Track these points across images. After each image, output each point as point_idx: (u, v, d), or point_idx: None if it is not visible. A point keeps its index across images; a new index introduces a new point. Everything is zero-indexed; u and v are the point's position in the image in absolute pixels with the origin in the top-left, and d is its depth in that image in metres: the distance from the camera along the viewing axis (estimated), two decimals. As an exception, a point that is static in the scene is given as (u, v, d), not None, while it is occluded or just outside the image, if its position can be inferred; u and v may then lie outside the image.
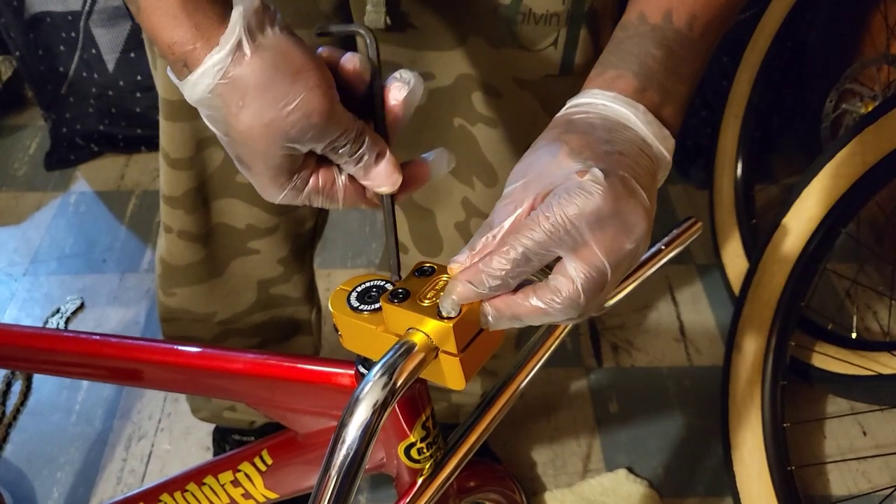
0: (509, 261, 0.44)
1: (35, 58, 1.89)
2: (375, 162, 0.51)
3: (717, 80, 1.78)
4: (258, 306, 1.07)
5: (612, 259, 0.44)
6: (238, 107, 0.46)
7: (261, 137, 0.47)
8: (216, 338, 1.09)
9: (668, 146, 0.50)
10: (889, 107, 1.23)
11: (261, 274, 1.03)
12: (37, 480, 1.35)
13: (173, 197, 0.94)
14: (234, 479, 0.69)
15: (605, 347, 1.56)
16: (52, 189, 1.92)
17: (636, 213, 0.45)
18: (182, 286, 1.03)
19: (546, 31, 0.76)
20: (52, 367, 0.76)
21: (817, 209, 1.32)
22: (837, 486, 1.36)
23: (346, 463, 0.44)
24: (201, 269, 1.01)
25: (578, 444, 1.40)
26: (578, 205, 0.44)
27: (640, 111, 0.50)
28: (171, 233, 0.98)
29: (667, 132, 0.50)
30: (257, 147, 0.48)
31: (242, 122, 0.47)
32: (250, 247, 0.99)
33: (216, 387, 0.68)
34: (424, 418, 0.58)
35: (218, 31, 0.46)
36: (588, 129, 0.49)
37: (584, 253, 0.44)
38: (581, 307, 0.45)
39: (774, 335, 1.33)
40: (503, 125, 0.84)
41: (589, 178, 0.44)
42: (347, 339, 0.52)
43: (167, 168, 0.92)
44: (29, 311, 1.62)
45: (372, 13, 0.74)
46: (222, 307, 1.06)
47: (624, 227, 0.45)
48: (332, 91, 0.48)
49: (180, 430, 1.42)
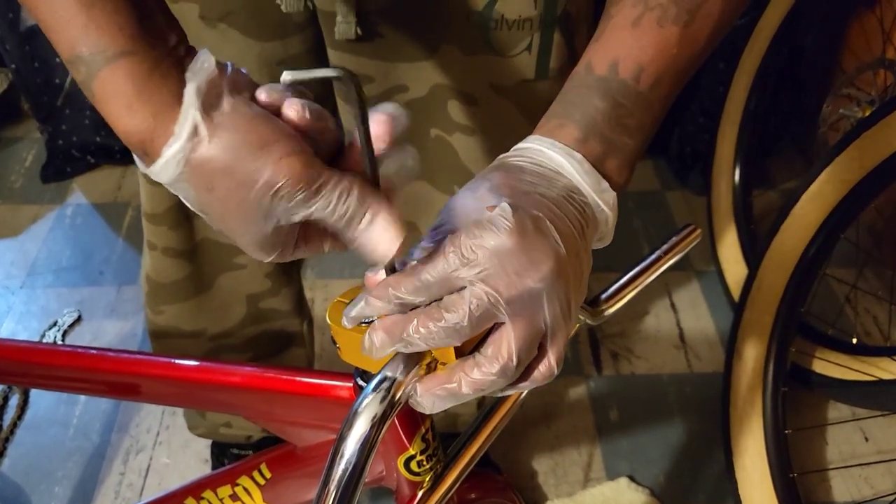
0: (413, 283, 0.44)
1: (31, 70, 1.89)
2: (370, 222, 0.45)
3: (715, 87, 1.79)
4: (248, 321, 1.06)
5: (510, 293, 0.43)
6: (207, 190, 0.44)
7: (237, 218, 0.45)
8: (208, 353, 1.08)
9: (607, 199, 0.49)
10: (886, 111, 1.22)
11: (249, 289, 1.02)
12: (34, 495, 1.34)
13: (156, 214, 0.93)
14: (233, 493, 0.68)
15: (605, 355, 1.56)
16: (49, 201, 1.92)
17: (543, 252, 0.44)
18: (169, 303, 1.02)
19: (520, 36, 0.76)
20: (49, 382, 0.76)
21: (816, 214, 1.32)
22: (840, 492, 1.35)
23: (346, 476, 0.44)
24: (188, 285, 1.00)
25: (579, 453, 1.40)
26: (483, 236, 0.43)
27: (577, 160, 0.49)
28: (155, 250, 0.98)
29: (606, 185, 0.49)
30: (235, 225, 0.45)
31: (215, 206, 0.45)
32: (236, 262, 0.98)
33: (214, 400, 0.68)
34: (424, 430, 0.57)
35: (174, 116, 0.43)
36: (515, 171, 0.48)
37: (482, 284, 0.43)
38: (462, 332, 0.43)
39: (775, 341, 1.33)
40: (481, 132, 0.83)
41: (497, 212, 0.44)
42: (346, 351, 0.52)
43: (147, 186, 0.91)
44: (26, 324, 1.62)
45: (342, 24, 0.73)
46: (212, 323, 1.05)
47: (528, 264, 0.43)
48: (304, 155, 0.44)
49: (179, 443, 1.41)
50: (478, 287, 0.43)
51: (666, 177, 1.97)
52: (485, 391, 0.45)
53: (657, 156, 2.01)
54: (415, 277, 0.44)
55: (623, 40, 0.51)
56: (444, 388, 0.45)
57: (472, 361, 0.44)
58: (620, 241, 0.52)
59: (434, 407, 0.46)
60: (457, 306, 0.43)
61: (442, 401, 0.46)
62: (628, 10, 0.51)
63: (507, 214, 0.44)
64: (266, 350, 1.12)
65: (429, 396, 0.45)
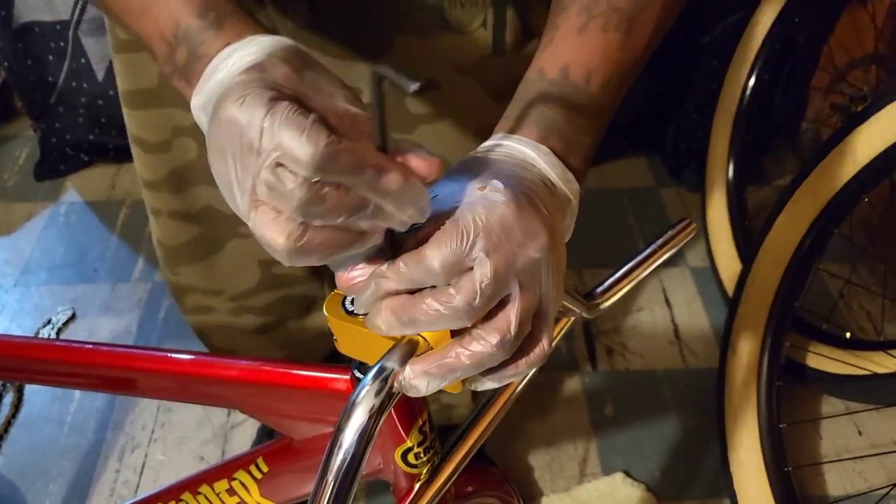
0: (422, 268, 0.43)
1: (24, 68, 1.88)
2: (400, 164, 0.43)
3: (708, 84, 1.79)
4: (265, 285, 1.06)
5: (517, 265, 0.43)
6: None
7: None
8: (232, 312, 1.08)
9: (573, 189, 0.51)
10: (879, 106, 1.23)
11: (260, 255, 1.02)
12: (29, 493, 1.34)
13: (155, 181, 0.93)
14: (230, 487, 0.68)
15: (600, 351, 1.56)
16: (43, 199, 1.91)
17: (539, 224, 0.45)
18: (183, 265, 1.03)
19: (474, 13, 0.77)
20: (43, 378, 0.76)
21: (810, 209, 1.32)
22: (834, 486, 1.35)
23: (343, 468, 0.44)
24: (198, 247, 1.00)
25: (575, 448, 1.40)
26: (483, 212, 0.43)
27: (544, 152, 0.50)
28: (160, 216, 0.97)
29: (571, 175, 0.51)
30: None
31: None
32: (241, 231, 0.98)
33: (210, 394, 0.67)
34: (421, 423, 0.57)
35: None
36: (490, 161, 0.49)
37: (493, 257, 0.43)
38: (475, 310, 0.43)
39: (769, 336, 1.33)
40: (448, 114, 0.84)
41: (490, 189, 0.44)
42: (343, 343, 0.52)
43: (143, 154, 0.91)
44: (20, 322, 1.61)
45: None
46: (229, 285, 1.05)
47: (528, 235, 0.44)
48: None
49: (174, 440, 1.41)
50: (488, 264, 0.43)
51: (660, 173, 1.98)
52: (483, 364, 0.44)
53: (652, 152, 2.02)
54: (423, 262, 0.43)
55: (571, 47, 0.54)
56: (438, 365, 0.44)
57: (470, 336, 0.44)
58: (615, 238, 0.52)
59: (429, 387, 0.45)
60: (466, 287, 0.43)
61: (436, 380, 0.44)
62: (573, 18, 0.54)
63: (501, 189, 0.44)
64: (289, 314, 1.12)
65: (422, 377, 0.44)
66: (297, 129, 0.38)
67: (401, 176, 0.41)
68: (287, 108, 0.39)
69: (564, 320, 0.64)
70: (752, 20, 1.65)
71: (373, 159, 0.40)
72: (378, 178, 0.40)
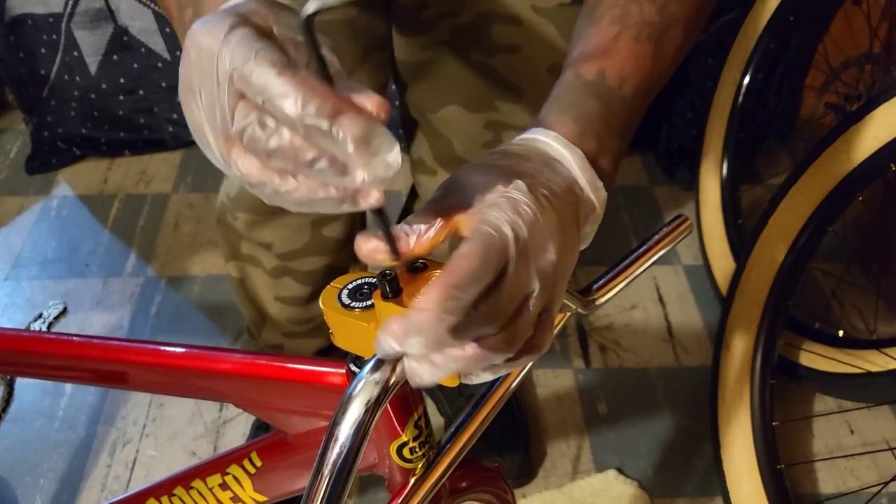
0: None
1: (16, 60, 1.87)
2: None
3: (702, 82, 1.79)
4: (313, 248, 1.10)
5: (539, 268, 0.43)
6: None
7: None
8: (274, 271, 1.13)
9: (600, 197, 0.50)
10: (873, 105, 1.23)
11: (313, 216, 1.07)
12: (19, 488, 1.33)
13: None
14: (223, 482, 0.68)
15: (593, 348, 1.56)
16: (34, 193, 1.90)
17: (554, 227, 0.45)
18: (243, 211, 1.07)
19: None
20: (34, 370, 0.75)
21: (804, 208, 1.33)
22: (826, 484, 1.36)
23: (339, 462, 0.43)
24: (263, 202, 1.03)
25: (568, 446, 1.40)
26: (509, 214, 0.43)
27: (577, 155, 0.50)
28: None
29: (600, 183, 0.51)
30: None
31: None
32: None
33: (203, 388, 0.67)
34: (417, 417, 0.57)
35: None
36: (519, 158, 0.49)
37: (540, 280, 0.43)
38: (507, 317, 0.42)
39: (763, 334, 1.33)
40: (525, 48, 0.93)
41: (513, 188, 0.44)
42: (339, 337, 0.51)
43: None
44: (11, 316, 1.60)
45: None
46: (278, 240, 1.09)
47: (548, 238, 0.44)
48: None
49: (165, 435, 1.41)
50: (537, 289, 0.43)
51: (654, 172, 1.98)
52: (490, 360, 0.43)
53: (645, 151, 2.02)
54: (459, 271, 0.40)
55: (605, 53, 0.55)
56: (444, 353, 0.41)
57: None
58: (609, 236, 0.52)
59: (432, 377, 0.42)
60: (524, 329, 0.43)
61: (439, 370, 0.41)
62: (606, 28, 0.56)
63: (524, 190, 0.44)
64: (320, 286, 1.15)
65: (427, 365, 0.41)
66: (250, 51, 0.37)
67: (359, 117, 0.37)
68: (244, 31, 0.38)
69: (560, 315, 0.64)
70: (748, 18, 1.65)
71: (326, 93, 0.37)
72: (329, 111, 0.36)
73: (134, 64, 1.88)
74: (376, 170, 0.37)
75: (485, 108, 1.00)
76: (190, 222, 1.83)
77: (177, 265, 1.72)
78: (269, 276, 1.14)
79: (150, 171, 1.97)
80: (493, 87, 0.97)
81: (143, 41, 1.86)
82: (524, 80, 0.97)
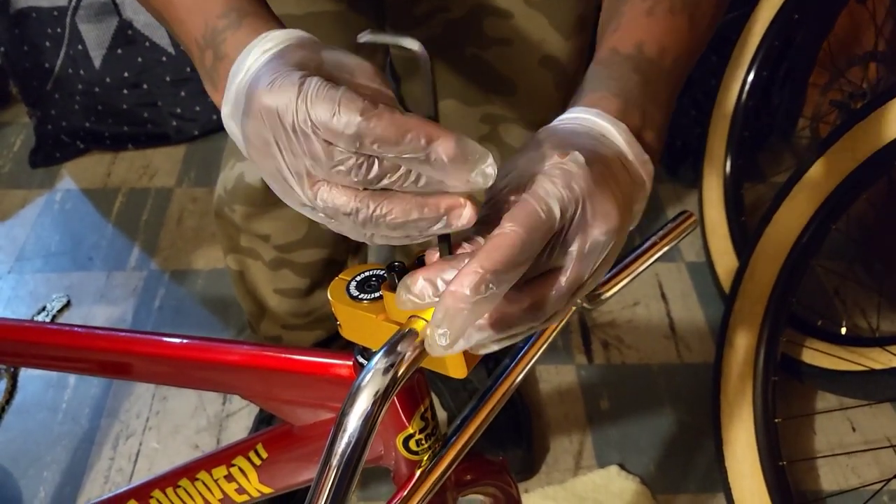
0: (514, 248, 0.39)
1: (20, 54, 1.87)
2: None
3: (706, 80, 1.79)
4: (310, 240, 1.10)
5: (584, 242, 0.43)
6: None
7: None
8: (272, 262, 1.13)
9: (647, 171, 0.49)
10: (878, 103, 1.23)
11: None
12: (23, 480, 1.33)
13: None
14: (228, 473, 0.68)
15: (596, 344, 1.56)
16: (38, 186, 1.90)
17: (611, 204, 0.43)
18: (241, 204, 1.07)
19: None
20: (38, 361, 0.75)
21: (808, 205, 1.32)
22: (828, 481, 1.36)
23: (348, 453, 0.43)
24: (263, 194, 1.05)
25: (570, 441, 1.40)
26: (561, 184, 0.42)
27: (623, 130, 0.49)
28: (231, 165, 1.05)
29: (646, 157, 0.49)
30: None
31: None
32: None
33: (209, 379, 0.67)
34: (423, 409, 0.57)
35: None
36: (568, 134, 0.48)
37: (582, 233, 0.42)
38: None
39: (766, 331, 1.33)
40: (517, 40, 0.93)
41: (569, 159, 0.43)
42: (347, 328, 0.52)
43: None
44: (14, 308, 1.60)
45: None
46: (276, 232, 1.09)
47: (599, 215, 0.43)
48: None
49: (168, 428, 1.41)
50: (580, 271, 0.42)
51: (657, 169, 1.97)
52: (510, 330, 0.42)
53: (649, 148, 2.02)
54: (507, 242, 0.39)
55: (642, 27, 0.54)
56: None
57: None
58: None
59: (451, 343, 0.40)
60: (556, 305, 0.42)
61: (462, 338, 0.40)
62: (639, 3, 0.55)
63: (580, 161, 0.43)
64: (321, 280, 1.17)
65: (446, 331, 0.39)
66: (331, 102, 0.38)
67: (451, 139, 0.39)
68: (317, 84, 0.39)
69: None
70: (752, 17, 1.65)
71: (414, 124, 0.39)
72: (423, 142, 0.39)
73: (138, 58, 1.89)
74: (476, 182, 0.40)
75: (480, 101, 1.00)
76: (193, 216, 1.83)
77: (180, 259, 1.72)
78: (268, 268, 1.14)
79: (154, 165, 1.97)
80: (487, 81, 0.98)
81: (147, 35, 1.86)
82: (518, 73, 0.97)
